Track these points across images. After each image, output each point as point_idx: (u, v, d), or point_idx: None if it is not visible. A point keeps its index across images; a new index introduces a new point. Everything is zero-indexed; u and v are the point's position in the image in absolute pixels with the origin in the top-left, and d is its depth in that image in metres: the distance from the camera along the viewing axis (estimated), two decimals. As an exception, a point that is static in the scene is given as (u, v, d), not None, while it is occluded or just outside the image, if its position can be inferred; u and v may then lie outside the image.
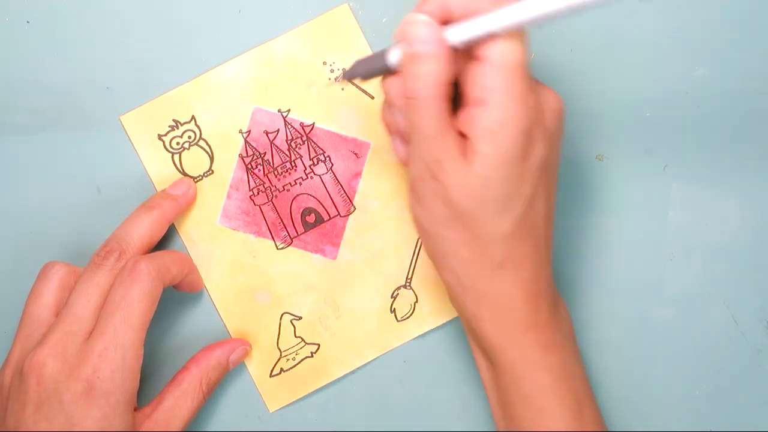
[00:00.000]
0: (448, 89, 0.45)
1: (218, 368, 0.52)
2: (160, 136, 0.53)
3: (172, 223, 0.53)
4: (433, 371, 0.54)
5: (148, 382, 0.53)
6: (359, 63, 0.49)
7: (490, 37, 0.44)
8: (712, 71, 0.54)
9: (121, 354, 0.47)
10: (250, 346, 0.54)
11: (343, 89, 0.54)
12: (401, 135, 0.48)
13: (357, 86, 0.53)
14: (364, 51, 0.53)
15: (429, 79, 0.45)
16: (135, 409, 0.49)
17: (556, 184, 0.48)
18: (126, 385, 0.47)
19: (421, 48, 0.45)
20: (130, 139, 0.53)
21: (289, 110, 0.54)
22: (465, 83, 0.45)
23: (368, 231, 0.54)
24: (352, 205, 0.54)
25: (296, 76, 0.53)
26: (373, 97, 0.54)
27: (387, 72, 0.47)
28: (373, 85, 0.53)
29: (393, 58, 0.46)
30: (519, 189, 0.45)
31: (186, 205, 0.53)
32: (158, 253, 0.50)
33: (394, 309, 0.54)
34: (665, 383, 0.54)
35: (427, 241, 0.48)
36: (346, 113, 0.54)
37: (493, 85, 0.44)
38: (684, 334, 0.54)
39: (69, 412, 0.46)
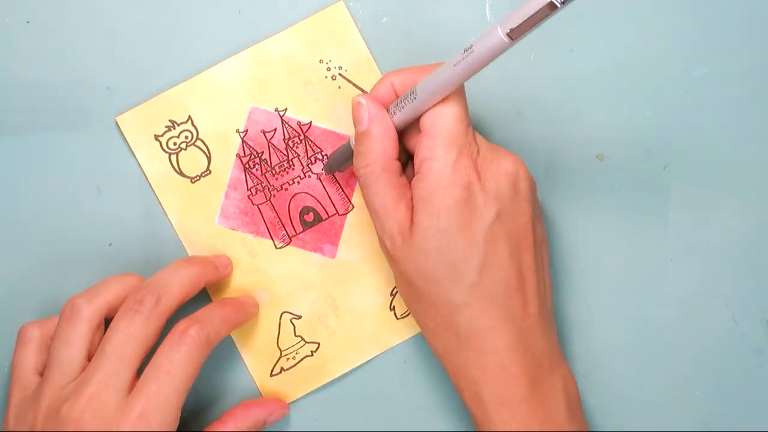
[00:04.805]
0: (394, 164, 0.46)
1: (254, 428, 0.51)
2: (156, 137, 0.53)
3: (171, 225, 0.53)
4: (433, 371, 0.54)
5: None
6: (331, 155, 0.52)
7: (426, 107, 0.45)
8: (712, 71, 0.54)
9: (159, 417, 0.45)
10: (288, 409, 0.53)
11: (340, 87, 0.53)
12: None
13: (354, 84, 0.53)
14: (361, 48, 0.53)
15: (369, 156, 0.46)
16: None
17: (530, 246, 0.47)
18: None
19: (360, 128, 0.46)
20: (126, 140, 0.53)
21: (286, 109, 0.53)
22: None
23: (367, 229, 0.54)
24: (351, 203, 0.54)
25: (293, 74, 0.53)
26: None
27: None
28: (370, 82, 0.53)
29: (353, 143, 0.48)
30: (466, 258, 0.45)
31: (220, 278, 0.52)
32: (212, 316, 0.49)
33: (394, 307, 0.54)
34: (665, 383, 0.54)
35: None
36: (343, 111, 0.53)
37: (424, 154, 0.45)
38: (684, 334, 0.54)
39: None
